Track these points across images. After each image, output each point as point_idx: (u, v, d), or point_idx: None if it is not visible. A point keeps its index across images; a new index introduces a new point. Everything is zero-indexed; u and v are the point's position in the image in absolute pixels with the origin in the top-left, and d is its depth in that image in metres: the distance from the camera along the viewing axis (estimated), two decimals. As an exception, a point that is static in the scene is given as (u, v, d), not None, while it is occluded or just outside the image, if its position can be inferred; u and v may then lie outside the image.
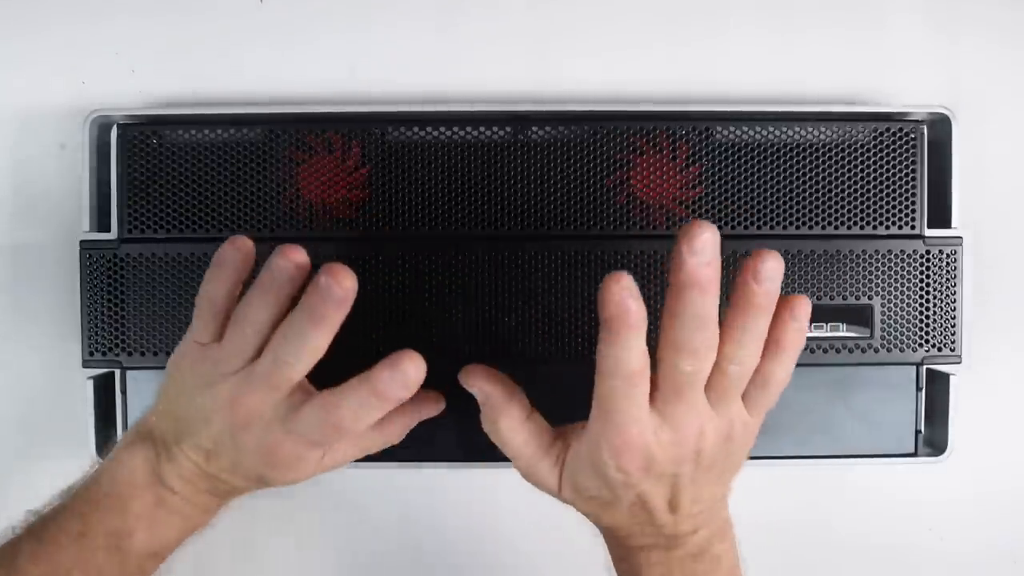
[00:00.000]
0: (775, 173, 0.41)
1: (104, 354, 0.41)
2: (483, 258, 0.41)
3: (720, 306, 0.30)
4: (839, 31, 0.45)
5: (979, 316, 0.45)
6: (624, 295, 0.29)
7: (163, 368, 0.41)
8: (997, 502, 0.47)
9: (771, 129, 0.41)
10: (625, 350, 0.30)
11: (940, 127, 0.41)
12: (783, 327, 0.32)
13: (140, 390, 0.42)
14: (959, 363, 0.42)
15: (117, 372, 0.42)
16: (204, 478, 0.35)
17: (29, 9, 0.45)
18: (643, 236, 0.41)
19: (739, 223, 0.41)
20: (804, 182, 0.41)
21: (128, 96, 0.45)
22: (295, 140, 0.41)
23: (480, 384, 0.35)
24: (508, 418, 0.35)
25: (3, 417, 0.46)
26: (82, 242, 0.41)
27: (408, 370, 0.31)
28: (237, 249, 0.34)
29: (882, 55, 0.45)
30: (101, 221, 0.42)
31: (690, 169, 0.41)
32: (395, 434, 0.38)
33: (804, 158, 0.41)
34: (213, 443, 0.34)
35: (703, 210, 0.41)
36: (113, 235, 0.41)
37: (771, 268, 0.30)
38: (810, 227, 0.41)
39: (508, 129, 0.41)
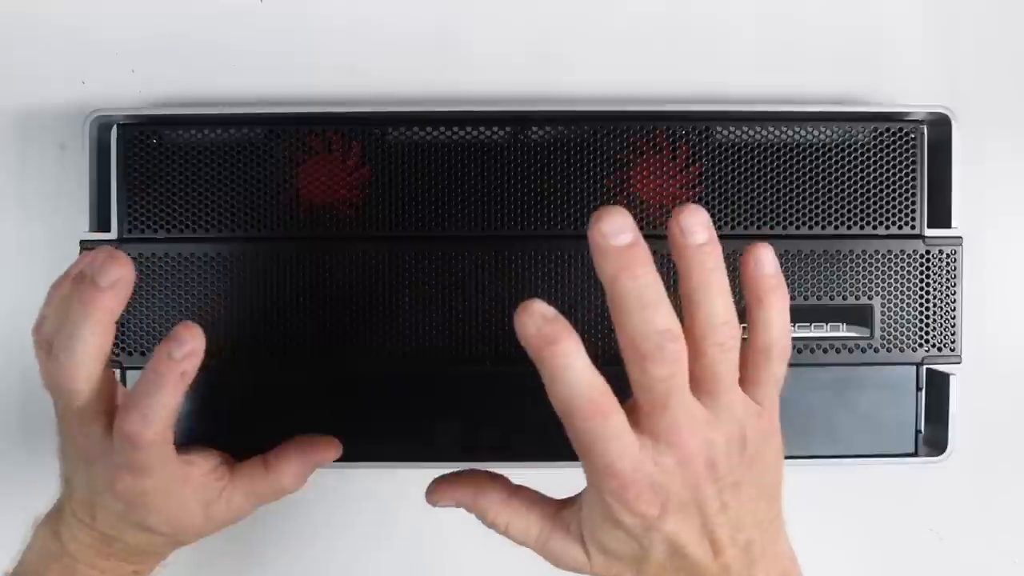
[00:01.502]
0: (775, 173, 0.41)
1: (104, 354, 0.41)
2: (483, 258, 0.41)
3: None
4: (839, 31, 0.45)
5: (979, 316, 0.45)
6: (541, 322, 0.26)
7: (163, 368, 0.41)
8: (997, 502, 0.47)
9: (771, 129, 0.41)
10: (569, 374, 0.26)
11: (940, 127, 0.41)
12: (752, 281, 0.29)
13: (140, 390, 0.42)
14: (959, 363, 0.42)
15: (117, 372, 0.42)
16: (99, 540, 0.34)
17: (29, 9, 0.45)
18: (643, 236, 0.41)
19: (739, 223, 0.41)
20: (804, 182, 0.41)
21: (128, 96, 0.45)
22: (295, 140, 0.41)
23: (445, 500, 0.34)
24: (490, 511, 0.33)
25: (4, 417, 0.46)
26: (82, 242, 0.41)
27: (182, 336, 0.29)
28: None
29: (882, 55, 0.45)
30: (101, 221, 0.42)
31: (690, 169, 0.41)
32: (288, 478, 0.36)
33: (804, 158, 0.41)
34: (85, 492, 0.33)
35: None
36: (113, 235, 0.41)
37: (694, 220, 0.27)
38: (810, 227, 0.41)
39: (508, 129, 0.41)
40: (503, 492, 0.33)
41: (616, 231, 0.26)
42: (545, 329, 0.26)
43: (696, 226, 0.27)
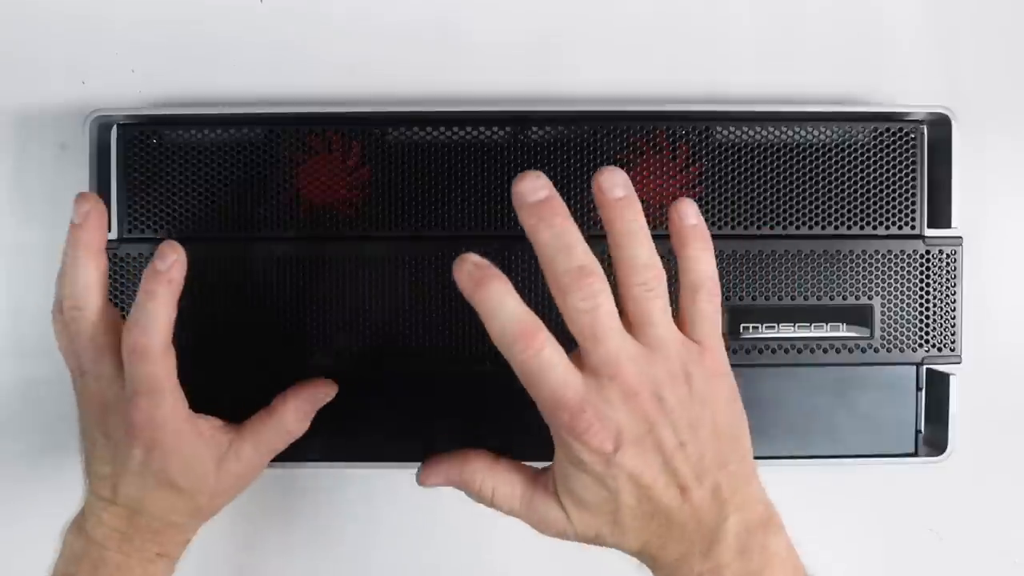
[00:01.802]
0: (775, 173, 0.41)
1: (104, 354, 0.41)
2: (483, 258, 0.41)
3: None
4: (839, 31, 0.45)
5: (979, 316, 0.45)
6: (473, 268, 0.29)
7: (163, 368, 0.41)
8: (997, 502, 0.47)
9: (771, 129, 0.41)
10: (500, 309, 0.29)
11: (940, 127, 0.41)
12: (677, 229, 0.32)
13: (140, 390, 0.42)
14: (959, 363, 0.42)
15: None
16: (122, 517, 0.35)
17: (29, 9, 0.45)
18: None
19: (739, 223, 0.41)
20: (804, 182, 0.41)
21: (128, 96, 0.45)
22: (295, 140, 0.41)
23: (434, 478, 0.35)
24: (475, 481, 0.34)
25: (3, 417, 0.46)
26: (82, 242, 0.41)
27: (165, 252, 0.33)
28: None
29: (882, 55, 0.45)
30: (101, 221, 0.42)
31: (690, 169, 0.41)
32: (290, 419, 0.37)
33: (804, 158, 0.41)
34: (104, 461, 0.35)
35: (703, 210, 0.41)
36: (113, 235, 0.41)
37: (612, 179, 0.30)
38: (810, 227, 0.41)
39: (508, 129, 0.41)
40: (487, 459, 0.35)
41: (532, 190, 0.30)
42: (476, 273, 0.29)
43: (615, 185, 0.31)
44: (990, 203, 0.45)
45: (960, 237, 0.41)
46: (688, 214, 0.32)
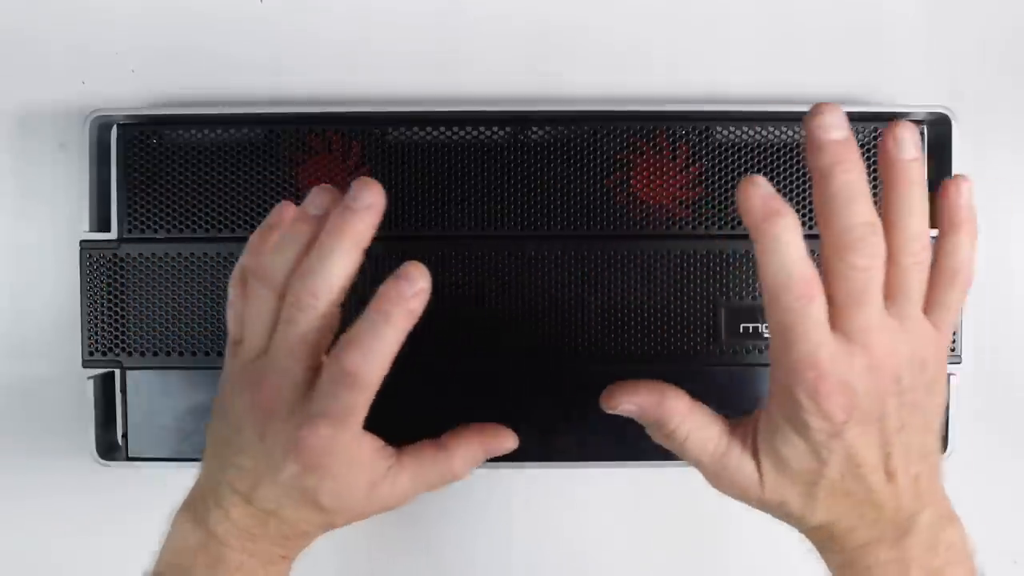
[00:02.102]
0: (775, 173, 0.41)
1: (104, 354, 0.41)
2: (483, 258, 0.41)
3: None
4: (838, 31, 0.45)
5: (979, 316, 0.45)
6: (767, 196, 0.27)
7: (163, 368, 0.41)
8: (997, 502, 0.47)
9: (771, 129, 0.41)
10: (786, 248, 0.27)
11: (940, 127, 0.41)
12: (950, 208, 0.30)
13: (140, 390, 0.42)
14: (959, 363, 0.42)
15: (117, 372, 0.42)
16: (254, 518, 0.32)
17: (29, 9, 0.45)
18: (643, 236, 0.41)
19: (739, 223, 0.41)
20: (804, 182, 0.41)
21: (128, 96, 0.45)
22: (295, 140, 0.41)
23: (627, 403, 0.32)
24: (674, 416, 0.32)
25: (3, 417, 0.46)
26: (82, 242, 0.41)
27: (412, 274, 0.29)
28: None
29: (882, 55, 0.45)
30: (101, 221, 0.42)
31: (690, 169, 0.41)
32: (459, 462, 0.34)
33: (804, 158, 0.41)
34: (250, 459, 0.31)
35: (703, 210, 0.41)
36: (113, 235, 0.41)
37: (908, 134, 0.29)
38: (810, 227, 0.41)
39: (508, 129, 0.41)
40: (687, 401, 0.32)
41: (834, 125, 0.28)
42: (771, 202, 0.28)
43: (908, 141, 0.29)
44: (990, 203, 0.45)
45: (960, 237, 0.41)
46: (963, 190, 0.30)
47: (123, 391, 0.42)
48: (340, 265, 0.30)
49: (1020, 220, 0.46)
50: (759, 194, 0.28)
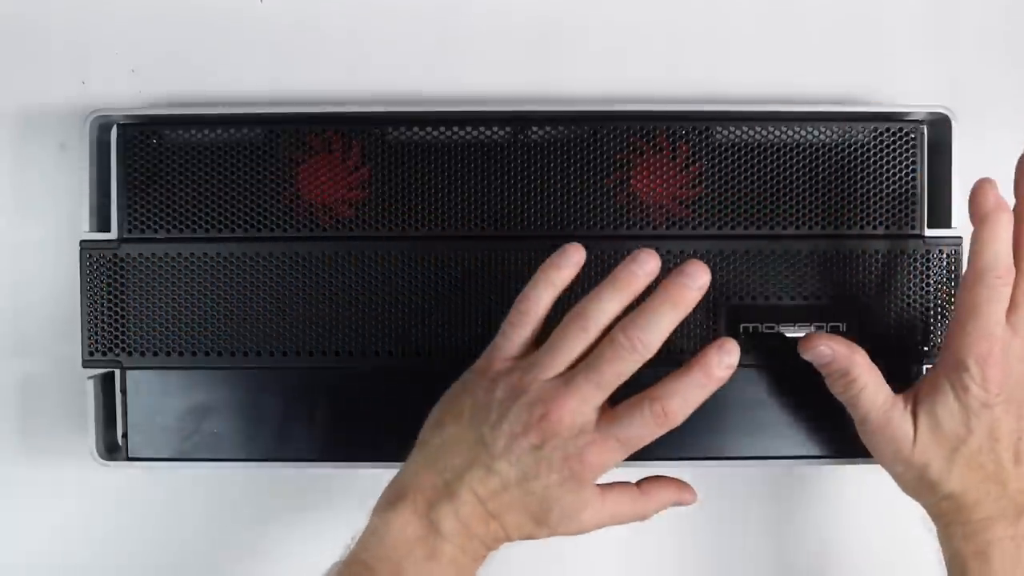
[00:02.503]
0: (775, 173, 0.41)
1: (104, 354, 0.41)
2: (483, 258, 0.41)
3: None
4: (839, 31, 0.45)
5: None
6: (996, 192, 0.35)
7: (163, 368, 0.41)
8: None
9: (771, 129, 0.41)
10: (1003, 243, 0.34)
11: (940, 127, 0.41)
12: None
13: (140, 390, 0.42)
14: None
15: (117, 372, 0.42)
16: (481, 520, 0.34)
17: (30, 9, 0.45)
18: (643, 236, 0.41)
19: (739, 223, 0.41)
20: (804, 182, 0.41)
21: (128, 96, 0.45)
22: (295, 140, 0.41)
23: (825, 349, 0.37)
24: (856, 366, 0.37)
25: (3, 417, 0.46)
26: (82, 242, 0.41)
27: (729, 347, 0.34)
28: (572, 260, 0.36)
29: (882, 55, 0.45)
30: (101, 221, 0.42)
31: (690, 169, 0.41)
32: (652, 507, 0.37)
33: (804, 158, 0.41)
34: (513, 463, 0.34)
35: (703, 210, 0.41)
36: (113, 235, 0.41)
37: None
38: (810, 227, 0.41)
39: (508, 129, 0.41)
40: (868, 358, 0.37)
41: (991, 188, 0.36)
42: (1001, 201, 0.35)
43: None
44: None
45: (960, 237, 0.41)
46: None
47: (123, 391, 0.42)
48: (667, 325, 0.34)
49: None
50: (994, 192, 0.35)
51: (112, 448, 0.42)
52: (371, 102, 0.45)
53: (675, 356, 0.41)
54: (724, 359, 0.34)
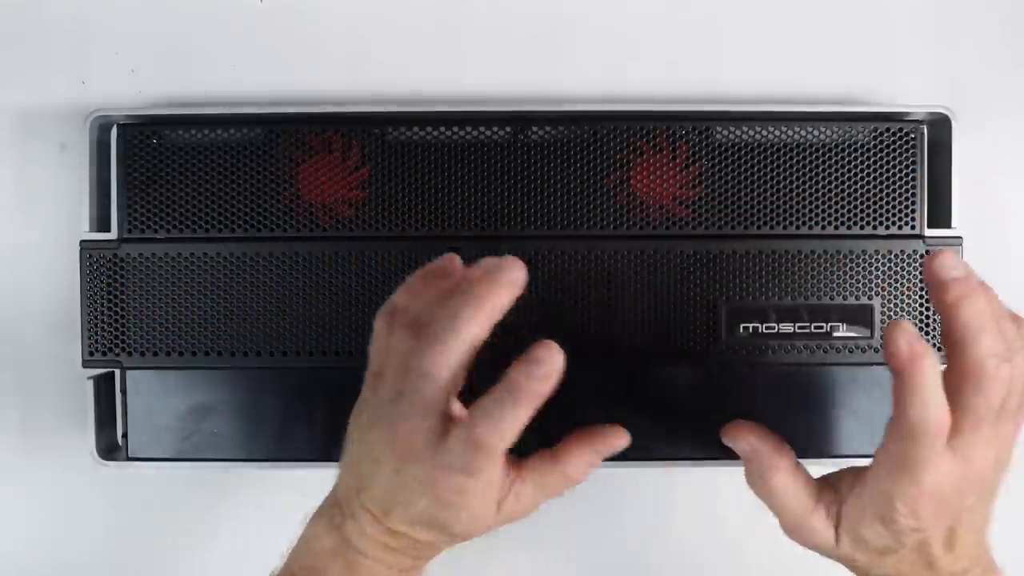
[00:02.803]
0: (775, 173, 0.41)
1: (104, 354, 0.41)
2: (482, 258, 0.41)
3: None
4: (838, 31, 0.45)
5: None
6: (912, 339, 0.30)
7: (163, 368, 0.41)
8: (996, 502, 0.47)
9: (771, 129, 0.41)
10: (929, 390, 0.30)
11: (940, 127, 0.41)
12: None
13: (140, 390, 0.42)
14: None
15: (117, 372, 0.42)
16: (388, 535, 0.33)
17: (29, 9, 0.45)
18: (643, 236, 0.41)
19: (739, 223, 0.41)
20: (804, 182, 0.41)
21: (128, 96, 0.45)
22: (295, 140, 0.41)
23: (747, 438, 0.35)
24: (778, 471, 0.35)
25: (3, 417, 0.46)
26: (82, 242, 0.41)
27: (541, 357, 0.29)
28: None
29: (882, 55, 0.45)
30: (101, 221, 0.42)
31: (690, 169, 0.41)
32: (575, 469, 0.35)
33: (804, 158, 0.41)
34: (385, 487, 0.32)
35: (703, 210, 0.41)
36: (113, 235, 0.41)
37: (949, 259, 0.31)
38: (810, 227, 0.41)
39: (508, 129, 0.41)
40: (794, 460, 0.36)
41: (954, 266, 0.31)
42: (915, 345, 0.30)
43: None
44: (990, 203, 0.45)
45: (960, 237, 0.41)
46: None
47: (123, 391, 0.42)
48: (469, 334, 0.30)
49: (1020, 220, 0.46)
50: (905, 338, 0.30)
51: (112, 448, 0.42)
52: (371, 102, 0.45)
53: (674, 355, 0.41)
54: (532, 371, 0.29)
